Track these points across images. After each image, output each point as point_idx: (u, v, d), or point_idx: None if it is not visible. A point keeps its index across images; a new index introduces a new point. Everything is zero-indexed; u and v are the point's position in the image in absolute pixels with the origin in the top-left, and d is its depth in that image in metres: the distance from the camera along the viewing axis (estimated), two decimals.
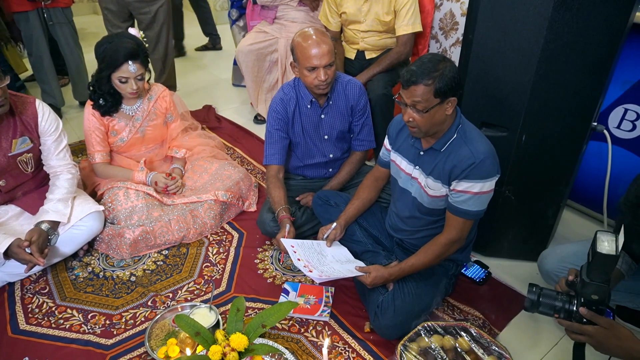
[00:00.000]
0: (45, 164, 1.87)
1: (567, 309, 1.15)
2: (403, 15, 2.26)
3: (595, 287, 1.08)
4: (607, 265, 1.05)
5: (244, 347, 1.26)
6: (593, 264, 1.07)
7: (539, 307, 1.19)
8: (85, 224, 1.84)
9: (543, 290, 1.19)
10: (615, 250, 1.04)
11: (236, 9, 3.44)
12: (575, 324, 1.13)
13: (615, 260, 1.04)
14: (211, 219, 2.07)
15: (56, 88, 3.16)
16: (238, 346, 1.25)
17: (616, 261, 1.05)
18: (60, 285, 1.79)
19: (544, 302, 1.18)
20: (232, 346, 1.25)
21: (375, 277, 1.52)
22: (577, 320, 1.13)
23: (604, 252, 1.03)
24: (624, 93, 1.94)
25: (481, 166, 1.39)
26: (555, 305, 1.17)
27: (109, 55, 1.90)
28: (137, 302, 1.71)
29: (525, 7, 1.44)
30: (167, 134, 2.25)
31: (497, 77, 1.59)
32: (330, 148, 2.01)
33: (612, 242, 1.05)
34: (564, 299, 1.16)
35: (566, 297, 1.17)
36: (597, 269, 1.07)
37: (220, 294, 1.76)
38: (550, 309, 1.18)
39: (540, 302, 1.18)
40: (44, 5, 2.81)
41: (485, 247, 1.93)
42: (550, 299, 1.18)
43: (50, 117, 1.83)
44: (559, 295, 1.18)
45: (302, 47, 1.73)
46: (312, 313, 1.65)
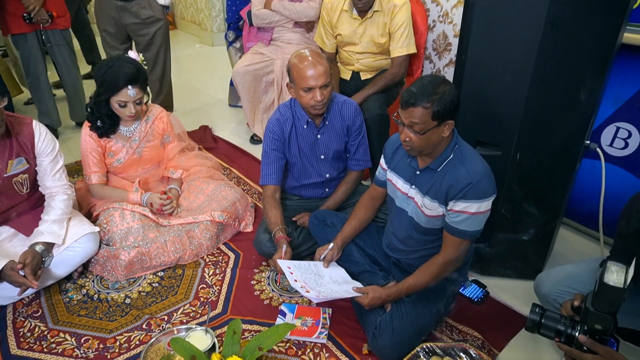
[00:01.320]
0: (41, 184, 1.87)
1: (569, 333, 1.13)
2: (397, 38, 2.29)
3: (599, 317, 1.06)
4: (613, 298, 1.02)
5: None
6: (598, 294, 1.04)
7: (540, 328, 1.17)
8: (80, 245, 1.83)
9: (546, 312, 1.17)
10: (623, 282, 1.01)
11: (233, 30, 3.48)
12: (574, 351, 1.11)
13: (622, 293, 1.01)
14: (207, 240, 2.05)
15: (53, 108, 3.16)
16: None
17: (623, 295, 1.01)
18: (53, 308, 1.76)
19: (546, 324, 1.16)
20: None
21: (372, 297, 1.51)
22: (578, 346, 1.11)
23: (610, 284, 1.00)
24: (616, 111, 1.96)
25: (478, 186, 1.40)
26: (557, 328, 1.15)
27: (108, 80, 1.90)
28: (132, 325, 1.68)
29: (516, 27, 1.47)
30: (164, 154, 2.26)
31: (490, 96, 1.62)
32: (327, 168, 2.02)
33: (621, 274, 1.02)
34: (567, 323, 1.14)
35: (569, 321, 1.15)
36: (601, 300, 1.04)
37: (217, 316, 1.74)
38: (551, 332, 1.16)
39: (542, 323, 1.16)
40: (42, 27, 2.84)
41: (483, 266, 1.92)
42: (553, 321, 1.15)
43: (47, 137, 1.83)
44: (562, 319, 1.16)
45: (299, 68, 1.75)
46: (309, 335, 1.62)
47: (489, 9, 1.51)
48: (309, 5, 2.80)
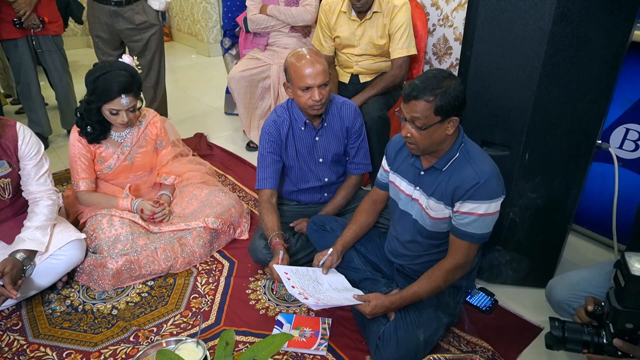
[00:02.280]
0: (25, 189, 1.77)
1: (597, 342, 1.04)
2: (397, 39, 2.24)
3: (630, 314, 0.98)
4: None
5: None
6: (627, 289, 0.96)
7: (565, 343, 1.07)
8: (64, 253, 1.73)
9: (567, 324, 1.08)
10: None
11: (229, 37, 3.43)
12: (609, 358, 1.02)
13: None
14: (200, 248, 1.96)
15: (43, 116, 3.09)
16: None
17: None
18: (34, 321, 1.65)
19: (571, 338, 1.06)
20: None
21: (375, 306, 1.41)
22: (610, 353, 1.02)
23: (639, 275, 0.94)
24: (625, 112, 1.90)
25: (486, 186, 1.32)
26: (582, 339, 1.05)
27: (101, 88, 1.82)
28: (118, 337, 1.58)
29: (524, 22, 1.41)
30: (157, 161, 2.17)
31: (497, 94, 1.55)
32: (325, 172, 1.93)
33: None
34: (592, 331, 1.05)
35: (592, 329, 1.06)
36: (630, 294, 0.97)
37: (209, 327, 1.63)
38: (578, 345, 1.06)
39: (566, 337, 1.06)
40: (33, 33, 2.78)
41: (490, 273, 1.83)
42: (578, 333, 1.06)
43: (31, 140, 1.74)
44: (584, 328, 1.06)
45: (296, 66, 1.68)
46: (307, 347, 1.52)
47: (496, 2, 1.45)
48: (305, 10, 2.75)
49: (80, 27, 5.84)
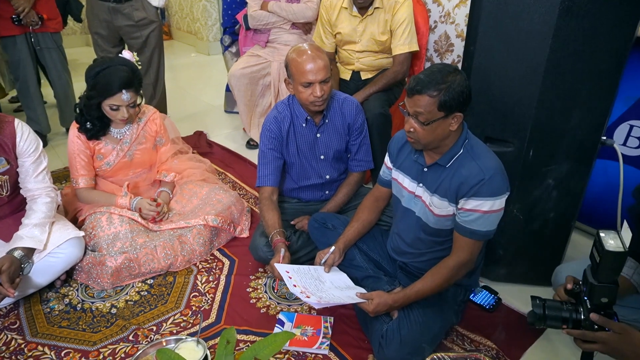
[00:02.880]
0: (23, 186, 1.75)
1: (575, 318, 1.09)
2: (399, 35, 2.22)
3: (605, 288, 1.03)
4: (617, 263, 1.01)
5: None
6: (602, 264, 1.01)
7: (545, 320, 1.11)
8: (63, 251, 1.71)
9: (547, 302, 1.12)
10: (622, 246, 1.00)
11: (229, 35, 3.41)
12: (588, 332, 1.06)
13: (625, 256, 1.00)
14: (200, 246, 1.94)
15: (42, 114, 3.07)
16: None
17: (625, 258, 1.01)
18: (32, 320, 1.63)
19: (551, 315, 1.11)
20: None
21: (378, 304, 1.39)
22: (588, 328, 1.07)
23: (612, 250, 0.99)
24: (629, 109, 1.88)
25: (491, 183, 1.30)
26: (562, 316, 1.10)
27: (102, 83, 1.79)
28: (117, 336, 1.56)
29: (529, 15, 1.39)
30: (157, 158, 2.15)
31: (501, 89, 1.53)
32: (327, 169, 1.91)
33: (616, 239, 1.01)
34: (570, 308, 1.10)
35: (571, 305, 1.11)
36: (606, 269, 1.02)
37: (209, 325, 1.61)
38: (558, 321, 1.10)
39: (546, 315, 1.11)
40: (32, 30, 2.75)
41: (494, 271, 1.81)
42: (557, 310, 1.11)
43: (29, 137, 1.72)
44: (564, 305, 1.11)
45: (297, 62, 1.66)
46: (309, 345, 1.50)
47: None
48: (307, 6, 2.73)
49: (80, 26, 5.81)
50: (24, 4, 2.64)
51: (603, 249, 0.99)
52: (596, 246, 1.03)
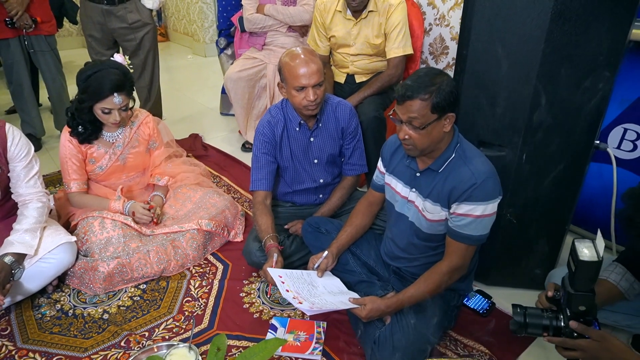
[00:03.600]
0: (14, 191, 1.74)
1: (555, 325, 1.10)
2: (394, 38, 2.21)
3: (582, 297, 1.05)
4: (591, 273, 1.04)
5: None
6: (577, 273, 1.03)
7: (527, 328, 1.13)
8: (55, 256, 1.69)
9: (528, 310, 1.14)
10: (596, 255, 1.02)
11: (224, 37, 3.41)
12: (568, 340, 1.08)
13: (599, 265, 1.02)
14: (194, 250, 1.93)
15: (36, 117, 3.05)
16: None
17: (599, 267, 1.03)
18: (23, 326, 1.62)
19: (532, 323, 1.12)
20: None
21: (371, 309, 1.39)
22: (567, 335, 1.08)
23: (586, 260, 1.01)
24: (623, 112, 1.88)
25: (483, 187, 1.30)
26: (542, 323, 1.11)
27: (93, 86, 1.79)
28: (109, 342, 1.55)
29: (521, 20, 1.39)
30: (150, 161, 2.14)
31: (494, 93, 1.52)
32: (321, 173, 1.91)
33: (591, 248, 1.04)
34: (551, 316, 1.12)
35: (552, 313, 1.12)
36: (581, 278, 1.04)
37: (202, 331, 1.61)
38: (538, 329, 1.12)
39: (527, 323, 1.12)
40: (25, 33, 2.74)
41: (487, 276, 1.81)
42: (537, 318, 1.12)
43: (20, 141, 1.71)
44: (544, 313, 1.13)
45: (290, 66, 1.66)
46: (302, 351, 1.50)
47: (492, 2, 1.42)
48: (304, 9, 2.72)
49: (75, 27, 5.79)
50: (17, 7, 2.63)
51: (578, 258, 1.01)
52: (572, 255, 1.04)
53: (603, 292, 1.34)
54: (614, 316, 1.45)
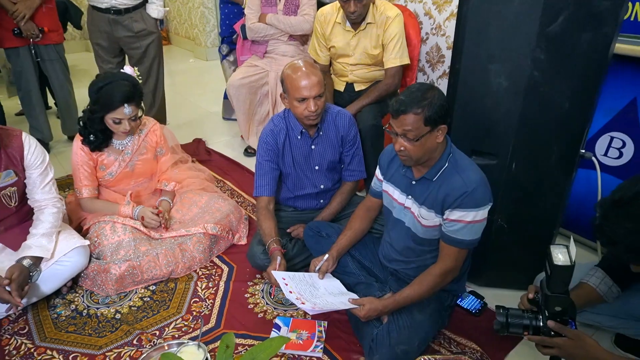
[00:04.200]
0: (30, 197, 1.83)
1: (535, 325, 1.20)
2: (391, 49, 2.30)
3: (557, 298, 1.14)
4: (564, 276, 1.13)
5: None
6: (552, 276, 1.13)
7: (509, 328, 1.22)
8: (69, 259, 1.78)
9: (510, 311, 1.23)
10: (569, 260, 1.11)
11: (227, 44, 3.49)
12: (546, 338, 1.17)
13: (572, 270, 1.11)
14: (200, 253, 2.02)
15: (44, 123, 3.14)
16: None
17: (572, 271, 1.12)
18: (40, 325, 1.71)
19: (513, 323, 1.22)
20: None
21: (369, 309, 1.48)
22: (546, 334, 1.18)
23: (560, 264, 1.10)
24: (609, 121, 1.97)
25: (474, 195, 1.39)
26: (523, 323, 1.21)
27: (104, 98, 1.88)
28: (122, 340, 1.64)
29: (509, 38, 1.48)
30: (157, 167, 2.23)
31: (485, 105, 1.61)
32: (321, 179, 2.00)
33: (565, 254, 1.13)
34: (531, 316, 1.21)
35: (532, 314, 1.21)
36: (556, 281, 1.13)
37: (210, 330, 1.70)
38: (519, 328, 1.22)
39: (509, 323, 1.22)
40: (33, 42, 2.83)
41: (480, 277, 1.90)
42: (518, 318, 1.22)
43: (36, 150, 1.80)
44: (525, 314, 1.22)
45: (292, 78, 1.75)
46: (304, 349, 1.59)
47: (482, 19, 1.52)
48: (304, 19, 2.81)
49: (79, 32, 5.87)
50: (25, 11, 2.69)
51: (552, 263, 1.10)
52: (547, 260, 1.13)
53: (583, 295, 1.43)
54: (598, 317, 1.54)
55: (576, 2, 1.39)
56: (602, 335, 1.65)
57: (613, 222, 1.09)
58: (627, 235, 1.07)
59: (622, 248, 1.10)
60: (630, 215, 1.06)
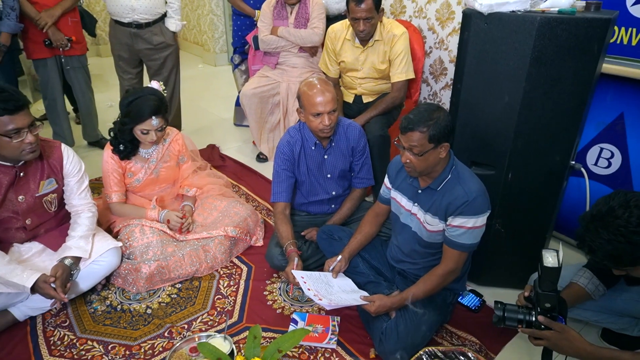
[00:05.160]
0: (68, 203, 2.00)
1: (528, 320, 1.35)
2: (397, 64, 2.47)
3: (547, 296, 1.29)
4: (553, 276, 1.28)
5: None
6: (542, 276, 1.28)
7: (505, 321, 1.38)
8: (104, 259, 1.96)
9: (507, 306, 1.39)
10: (557, 263, 1.26)
11: (239, 54, 3.66)
12: (535, 331, 1.34)
13: (559, 271, 1.27)
14: (221, 254, 2.19)
15: (67, 129, 3.31)
16: None
17: (559, 272, 1.27)
18: (79, 319, 1.88)
19: (509, 317, 1.38)
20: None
21: (379, 305, 1.64)
22: (537, 327, 1.34)
23: (549, 266, 1.26)
24: (599, 133, 2.14)
25: (474, 204, 1.55)
26: (517, 317, 1.37)
27: (134, 111, 2.04)
28: (154, 333, 1.81)
29: (505, 62, 1.65)
30: (179, 174, 2.40)
31: (484, 121, 1.78)
32: (333, 186, 2.16)
33: (554, 257, 1.28)
34: (525, 311, 1.37)
35: (526, 309, 1.37)
36: (545, 281, 1.29)
37: (233, 324, 1.87)
38: (514, 322, 1.37)
39: (505, 317, 1.37)
40: (62, 52, 3.00)
41: (480, 277, 2.06)
42: (514, 313, 1.38)
43: (74, 160, 1.97)
44: (520, 309, 1.38)
45: (308, 95, 1.91)
46: (320, 341, 1.75)
47: (481, 45, 1.68)
48: (313, 32, 2.97)
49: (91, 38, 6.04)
50: (47, 20, 2.86)
51: (542, 264, 1.26)
52: (540, 262, 1.28)
53: (573, 293, 1.60)
54: (585, 313, 1.71)
55: (565, 30, 1.55)
56: (590, 330, 1.82)
57: (592, 233, 1.26)
58: (604, 244, 1.24)
59: (601, 255, 1.27)
60: (605, 227, 1.23)
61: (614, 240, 1.21)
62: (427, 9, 2.87)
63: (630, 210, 1.21)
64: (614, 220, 1.22)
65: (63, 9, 2.92)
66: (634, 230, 1.19)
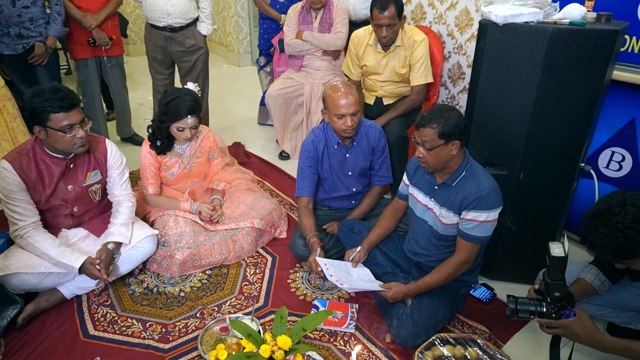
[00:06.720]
0: (110, 193, 2.18)
1: (539, 311, 1.46)
2: (417, 69, 2.59)
3: (555, 285, 1.40)
4: (561, 265, 1.38)
5: (289, 347, 1.53)
6: (550, 266, 1.39)
7: (518, 313, 1.48)
8: (142, 245, 2.13)
9: (519, 299, 1.50)
10: (564, 252, 1.36)
11: (264, 56, 3.83)
12: (553, 321, 1.44)
13: (566, 260, 1.37)
14: (248, 244, 2.34)
15: (103, 125, 3.51)
16: (284, 346, 1.52)
17: (566, 261, 1.37)
18: (120, 299, 2.06)
19: (521, 309, 1.48)
20: (279, 345, 1.51)
21: (396, 291, 1.77)
22: (549, 317, 1.44)
23: (556, 255, 1.37)
24: (611, 137, 2.22)
25: (486, 199, 1.67)
26: (529, 309, 1.47)
27: (172, 110, 2.21)
28: (188, 314, 1.97)
29: (518, 70, 1.76)
30: (210, 169, 2.57)
31: (498, 124, 1.89)
32: (353, 183, 2.30)
33: (560, 248, 1.39)
34: (536, 303, 1.47)
35: (537, 301, 1.48)
36: (553, 270, 1.39)
37: (259, 308, 2.02)
38: (526, 314, 1.48)
39: (518, 309, 1.48)
40: (104, 50, 3.22)
41: (491, 272, 2.17)
42: (526, 305, 1.48)
43: (116, 154, 2.15)
44: (531, 301, 1.48)
45: (333, 97, 2.05)
46: (339, 325, 1.89)
47: (496, 53, 1.80)
48: (337, 36, 3.12)
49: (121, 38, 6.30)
50: (91, 21, 3.09)
51: (550, 254, 1.37)
52: (547, 253, 1.39)
53: (581, 288, 1.70)
54: (591, 307, 1.80)
55: (576, 40, 1.66)
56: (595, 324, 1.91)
57: (593, 229, 1.37)
58: (603, 239, 1.35)
59: (601, 250, 1.38)
60: (604, 223, 1.34)
61: (612, 235, 1.32)
62: (446, 16, 2.98)
63: (627, 208, 1.31)
64: (611, 217, 1.33)
65: (107, 14, 3.15)
66: (629, 226, 1.30)
